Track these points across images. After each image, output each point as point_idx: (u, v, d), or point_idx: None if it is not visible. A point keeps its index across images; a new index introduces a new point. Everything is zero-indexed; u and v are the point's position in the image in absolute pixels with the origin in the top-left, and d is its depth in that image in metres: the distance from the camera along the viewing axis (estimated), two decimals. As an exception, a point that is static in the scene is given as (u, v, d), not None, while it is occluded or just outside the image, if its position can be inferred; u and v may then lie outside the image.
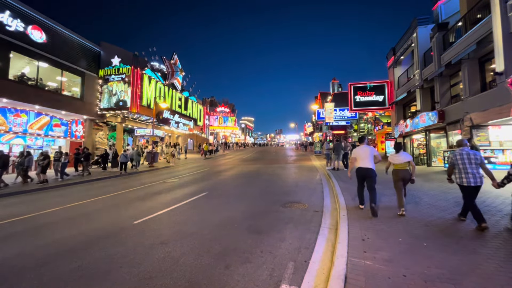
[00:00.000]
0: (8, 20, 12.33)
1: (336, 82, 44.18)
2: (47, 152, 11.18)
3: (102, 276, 3.04)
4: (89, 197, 7.90)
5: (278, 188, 8.42)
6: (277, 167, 15.36)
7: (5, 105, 12.81)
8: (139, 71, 19.78)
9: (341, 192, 6.95)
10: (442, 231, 3.90)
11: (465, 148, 4.31)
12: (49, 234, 4.61)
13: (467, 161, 4.12)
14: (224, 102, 65.44)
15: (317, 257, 3.37)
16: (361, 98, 20.03)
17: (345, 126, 35.31)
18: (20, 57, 13.33)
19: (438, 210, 5.03)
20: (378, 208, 4.96)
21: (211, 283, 2.82)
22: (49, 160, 10.75)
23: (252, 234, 4.28)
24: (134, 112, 19.09)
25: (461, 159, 4.19)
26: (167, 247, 3.82)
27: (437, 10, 14.46)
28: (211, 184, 9.66)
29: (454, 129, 11.13)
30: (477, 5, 9.65)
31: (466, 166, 4.11)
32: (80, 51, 17.05)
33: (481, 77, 10.09)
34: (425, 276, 2.66)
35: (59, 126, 15.82)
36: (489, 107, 8.67)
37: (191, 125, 30.89)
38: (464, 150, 4.25)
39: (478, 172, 4.07)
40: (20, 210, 6.38)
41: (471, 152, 4.20)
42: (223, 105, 58.11)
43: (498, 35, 8.05)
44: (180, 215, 5.61)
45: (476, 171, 4.06)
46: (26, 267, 3.34)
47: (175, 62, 27.97)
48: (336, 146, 12.66)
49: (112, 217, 5.61)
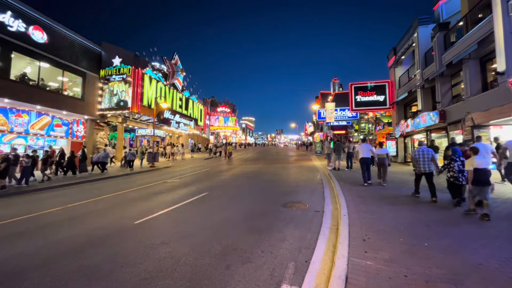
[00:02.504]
0: (10, 20, 12.37)
1: (337, 82, 44.11)
2: (7, 155, 9.77)
3: (103, 276, 3.05)
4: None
5: (279, 188, 8.42)
6: (278, 167, 15.35)
7: (7, 105, 12.85)
8: (140, 71, 19.81)
9: (342, 192, 6.94)
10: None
11: (422, 147, 6.26)
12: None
13: (421, 156, 6.11)
14: (224, 102, 65.49)
15: (318, 257, 3.36)
16: (362, 98, 19.99)
17: (346, 126, 35.28)
18: (22, 57, 13.36)
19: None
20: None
21: (212, 283, 2.82)
22: (8, 164, 9.08)
23: (253, 234, 4.28)
24: (135, 112, 19.12)
25: (418, 155, 6.17)
26: (168, 247, 3.82)
27: (438, 10, 14.42)
28: (211, 184, 9.67)
29: (455, 129, 11.10)
30: (478, 5, 9.62)
31: (421, 160, 6.09)
32: (81, 52, 17.09)
33: (482, 77, 10.06)
34: (426, 277, 2.65)
35: (60, 126, 15.86)
36: (490, 107, 8.64)
37: (191, 125, 30.91)
38: (421, 149, 6.20)
39: (429, 163, 6.01)
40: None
41: (425, 149, 6.14)
42: (223, 105, 58.17)
43: (499, 35, 8.02)
44: (181, 215, 5.62)
45: (427, 163, 6.01)
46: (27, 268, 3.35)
47: (175, 62, 28.01)
48: (337, 146, 12.66)
49: (112, 217, 5.62)
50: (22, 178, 9.89)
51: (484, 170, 4.66)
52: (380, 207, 5.46)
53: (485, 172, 4.67)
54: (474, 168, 4.67)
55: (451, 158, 5.46)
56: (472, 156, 4.87)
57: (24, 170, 9.94)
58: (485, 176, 4.63)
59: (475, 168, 4.65)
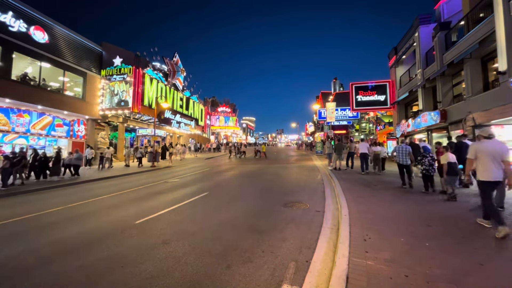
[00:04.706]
0: (11, 20, 12.41)
1: (337, 81, 44.05)
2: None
3: (104, 275, 3.05)
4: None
5: (279, 188, 8.42)
6: (279, 167, 15.35)
7: (8, 105, 12.90)
8: (141, 71, 19.86)
9: (343, 192, 6.93)
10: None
11: (402, 144, 7.84)
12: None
13: (401, 152, 7.63)
14: (225, 102, 65.52)
15: (319, 257, 3.36)
16: (362, 97, 19.98)
17: (346, 126, 35.24)
18: (23, 57, 13.41)
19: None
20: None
21: (212, 283, 2.82)
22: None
23: (254, 233, 4.28)
24: (136, 112, 19.17)
25: (398, 151, 7.75)
26: (169, 246, 3.83)
27: (439, 9, 14.39)
28: (212, 184, 9.67)
29: (456, 128, 11.07)
30: (479, 4, 9.59)
31: (400, 154, 7.62)
32: (82, 52, 17.13)
33: (483, 76, 10.03)
34: (427, 277, 2.65)
35: (62, 126, 15.91)
36: (491, 107, 8.62)
37: (192, 125, 30.94)
38: (401, 146, 7.76)
39: (407, 158, 7.49)
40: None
41: (404, 146, 7.67)
42: (224, 105, 58.20)
43: (501, 34, 8.00)
44: (182, 214, 5.62)
45: (405, 157, 7.51)
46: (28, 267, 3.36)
47: (176, 62, 28.04)
48: (338, 146, 12.66)
49: (113, 217, 5.63)
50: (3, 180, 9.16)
51: (455, 164, 5.84)
52: (381, 207, 5.45)
53: (456, 165, 5.87)
54: (447, 162, 5.82)
55: (423, 154, 6.79)
56: (445, 153, 6.00)
57: (4, 173, 9.19)
58: (456, 168, 5.84)
59: (448, 162, 5.82)
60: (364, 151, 10.99)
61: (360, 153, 11.09)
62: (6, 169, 9.24)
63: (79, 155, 12.61)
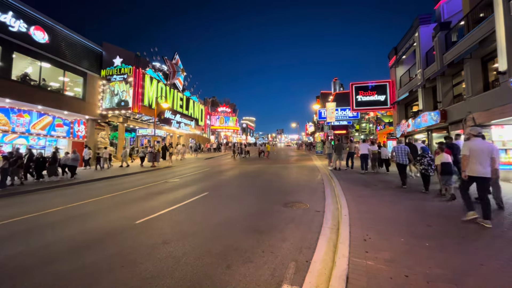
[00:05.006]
0: (11, 20, 12.42)
1: (337, 81, 44.05)
2: None
3: (104, 275, 3.06)
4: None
5: (280, 188, 8.42)
6: (279, 167, 15.35)
7: (8, 105, 12.90)
8: (141, 71, 19.85)
9: (343, 192, 6.93)
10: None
11: (401, 145, 8.19)
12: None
13: (400, 151, 7.83)
14: (225, 102, 65.51)
15: (319, 257, 3.36)
16: (362, 97, 19.97)
17: (346, 126, 35.25)
18: (23, 57, 13.41)
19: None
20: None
21: (212, 283, 2.82)
22: None
23: (254, 234, 4.28)
24: (136, 112, 19.16)
25: (397, 150, 7.92)
26: (169, 246, 3.83)
27: (439, 9, 14.38)
28: (212, 184, 9.68)
29: (456, 128, 11.06)
30: (480, 4, 9.58)
31: (399, 154, 7.81)
32: (82, 52, 17.14)
33: (483, 76, 10.02)
34: (427, 277, 2.65)
35: (62, 126, 15.91)
36: (492, 107, 8.61)
37: (192, 125, 30.94)
38: (400, 146, 8.03)
39: (405, 157, 7.70)
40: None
41: (403, 146, 7.92)
42: (224, 105, 58.19)
43: (501, 34, 7.99)
44: (182, 214, 5.62)
45: (404, 157, 7.71)
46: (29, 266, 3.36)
47: (176, 62, 28.04)
48: (338, 146, 12.66)
49: (113, 217, 5.63)
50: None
51: (449, 164, 5.99)
52: (381, 207, 5.46)
53: (450, 165, 5.97)
54: (441, 162, 5.99)
55: (422, 155, 6.93)
56: (440, 153, 6.14)
57: (3, 173, 9.18)
58: (450, 168, 5.93)
59: (442, 162, 5.99)
60: (364, 151, 11.19)
61: (361, 154, 11.22)
62: (5, 169, 9.23)
63: (76, 155, 12.11)
